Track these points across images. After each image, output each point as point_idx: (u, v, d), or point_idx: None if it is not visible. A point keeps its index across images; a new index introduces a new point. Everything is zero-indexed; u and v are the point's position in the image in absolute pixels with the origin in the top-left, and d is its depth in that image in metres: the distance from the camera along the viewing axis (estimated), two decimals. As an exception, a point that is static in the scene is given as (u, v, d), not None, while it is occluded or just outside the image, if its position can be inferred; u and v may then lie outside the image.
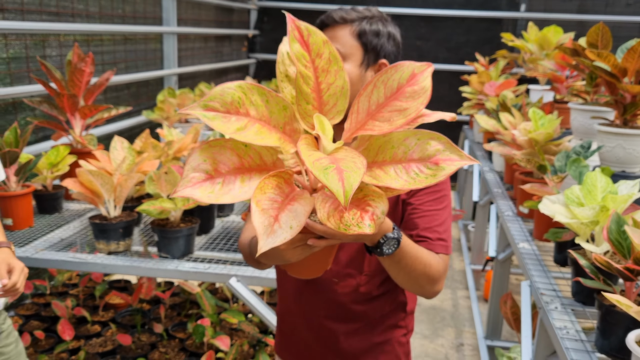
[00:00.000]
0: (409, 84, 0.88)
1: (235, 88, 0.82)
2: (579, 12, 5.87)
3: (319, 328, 1.41)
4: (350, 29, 1.28)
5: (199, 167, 0.82)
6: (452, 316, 3.51)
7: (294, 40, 0.84)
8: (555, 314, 1.63)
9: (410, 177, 0.84)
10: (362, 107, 0.88)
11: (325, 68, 0.86)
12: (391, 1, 6.17)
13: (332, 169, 0.76)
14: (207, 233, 2.33)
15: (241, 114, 0.82)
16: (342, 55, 1.27)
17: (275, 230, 0.78)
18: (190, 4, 4.76)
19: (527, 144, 2.47)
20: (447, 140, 0.86)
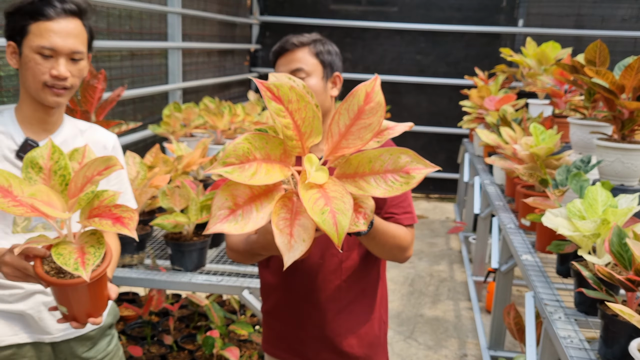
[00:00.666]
0: (366, 103, 1.04)
1: (243, 141, 1.00)
2: (576, 27, 5.98)
3: (309, 313, 1.56)
4: (309, 50, 1.53)
5: (223, 205, 1.00)
6: (455, 327, 3.56)
7: (269, 100, 1.02)
8: (559, 324, 1.68)
9: (388, 185, 1.03)
10: (334, 131, 1.06)
11: (297, 108, 1.03)
12: (392, 17, 6.28)
13: (327, 212, 0.95)
14: (217, 246, 2.38)
15: (251, 160, 1.00)
16: (307, 72, 1.51)
17: (293, 246, 0.98)
18: (195, 19, 4.85)
19: (528, 158, 2.54)
20: (414, 154, 1.04)
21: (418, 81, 6.37)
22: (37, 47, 1.38)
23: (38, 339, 1.51)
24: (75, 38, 1.42)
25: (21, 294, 1.48)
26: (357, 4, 6.33)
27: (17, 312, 1.48)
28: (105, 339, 1.67)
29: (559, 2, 5.98)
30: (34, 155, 1.22)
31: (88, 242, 1.19)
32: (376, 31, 6.37)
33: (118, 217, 1.16)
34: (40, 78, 1.40)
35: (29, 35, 1.39)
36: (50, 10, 1.39)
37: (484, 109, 4.19)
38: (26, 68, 1.41)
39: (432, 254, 4.86)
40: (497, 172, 3.54)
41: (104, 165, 1.19)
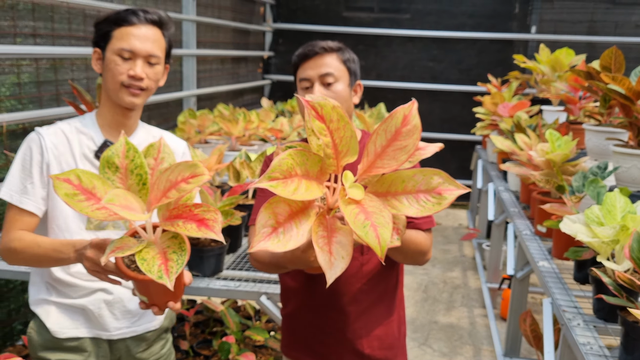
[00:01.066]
0: (403, 125, 1.07)
1: (287, 157, 1.03)
2: (589, 34, 5.96)
3: (330, 316, 1.57)
4: (337, 56, 1.54)
5: (266, 223, 1.03)
6: (470, 334, 3.54)
7: (313, 119, 1.05)
8: (578, 330, 1.68)
9: (420, 205, 1.06)
10: (370, 150, 1.09)
11: (337, 127, 1.07)
12: (404, 24, 6.31)
13: (369, 225, 0.98)
14: (234, 252, 2.40)
15: (293, 176, 1.03)
16: (335, 77, 1.52)
17: (333, 263, 1.02)
18: (209, 26, 4.90)
19: (544, 164, 2.54)
20: (446, 175, 1.06)
21: (430, 88, 6.38)
22: (118, 50, 1.48)
23: (97, 335, 1.58)
24: (153, 43, 1.51)
25: (84, 290, 1.54)
26: (370, 11, 6.36)
27: (79, 307, 1.55)
28: (160, 342, 1.71)
29: (572, 9, 5.97)
30: (109, 154, 1.20)
31: (170, 247, 1.15)
32: (389, 38, 6.39)
33: (201, 219, 1.12)
34: (119, 78, 1.48)
35: (112, 40, 1.49)
36: (134, 18, 1.49)
37: (497, 115, 4.19)
38: (107, 70, 1.49)
39: (445, 261, 4.85)
40: (511, 178, 3.54)
41: (189, 172, 1.13)
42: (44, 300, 1.56)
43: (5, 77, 2.73)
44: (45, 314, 1.55)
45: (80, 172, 1.15)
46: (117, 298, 1.58)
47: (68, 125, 1.55)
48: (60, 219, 1.51)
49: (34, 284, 1.60)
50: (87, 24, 3.30)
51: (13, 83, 2.78)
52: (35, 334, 1.56)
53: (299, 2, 6.43)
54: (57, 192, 1.12)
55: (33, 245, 1.40)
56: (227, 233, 2.29)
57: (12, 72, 2.77)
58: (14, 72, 2.77)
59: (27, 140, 1.51)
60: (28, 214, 1.47)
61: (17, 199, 1.46)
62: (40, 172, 1.48)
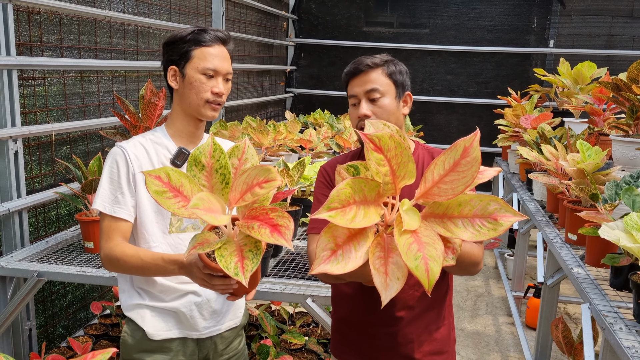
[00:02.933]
0: (462, 157, 1.12)
1: (345, 186, 1.09)
2: (607, 48, 6.04)
3: (382, 321, 1.62)
4: (382, 71, 1.59)
5: (326, 247, 1.11)
6: (497, 341, 3.59)
7: (372, 152, 1.12)
8: (621, 334, 1.72)
9: (475, 229, 1.09)
10: (428, 178, 1.14)
11: (395, 154, 1.13)
12: (423, 38, 6.41)
13: (420, 258, 1.03)
14: (275, 257, 2.48)
15: (351, 204, 1.10)
16: (381, 92, 1.57)
17: (389, 284, 1.07)
18: (236, 40, 5.03)
19: (576, 174, 2.60)
20: (503, 201, 1.09)
21: (449, 101, 6.47)
22: (202, 69, 1.58)
23: (187, 335, 1.67)
24: (228, 61, 1.64)
25: (177, 293, 1.64)
26: (390, 26, 6.48)
27: (171, 310, 1.64)
28: (237, 339, 1.82)
29: (590, 23, 6.06)
30: (197, 153, 1.26)
31: (247, 245, 1.21)
32: (408, 52, 6.50)
33: (275, 224, 1.17)
34: (204, 95, 1.60)
35: (193, 59, 1.59)
36: (212, 39, 1.60)
37: (520, 127, 4.26)
38: (190, 87, 1.60)
39: (466, 271, 4.89)
40: (537, 188, 3.60)
41: (264, 176, 1.20)
42: (138, 305, 1.65)
43: (52, 89, 2.84)
44: (140, 318, 1.64)
45: (169, 170, 1.22)
46: (204, 299, 1.67)
47: (143, 138, 1.67)
48: (147, 224, 1.61)
49: (124, 291, 1.69)
50: (126, 38, 3.42)
51: (60, 94, 2.89)
52: (130, 338, 1.66)
53: (321, 17, 6.56)
54: (149, 188, 1.20)
55: (135, 257, 1.50)
56: (270, 239, 2.37)
57: (60, 83, 2.88)
58: (61, 83, 2.89)
59: (112, 154, 1.62)
60: (122, 221, 1.57)
61: (110, 209, 1.57)
62: (128, 182, 1.59)
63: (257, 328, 3.00)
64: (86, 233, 2.48)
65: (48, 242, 2.62)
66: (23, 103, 2.60)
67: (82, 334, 2.91)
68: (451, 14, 6.33)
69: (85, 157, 3.05)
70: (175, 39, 1.61)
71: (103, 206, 1.57)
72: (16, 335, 2.52)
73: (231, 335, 1.77)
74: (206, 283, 1.34)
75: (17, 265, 2.29)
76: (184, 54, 1.59)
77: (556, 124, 4.19)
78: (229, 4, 4.75)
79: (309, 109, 6.13)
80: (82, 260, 2.37)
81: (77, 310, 3.10)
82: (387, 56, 1.65)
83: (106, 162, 1.62)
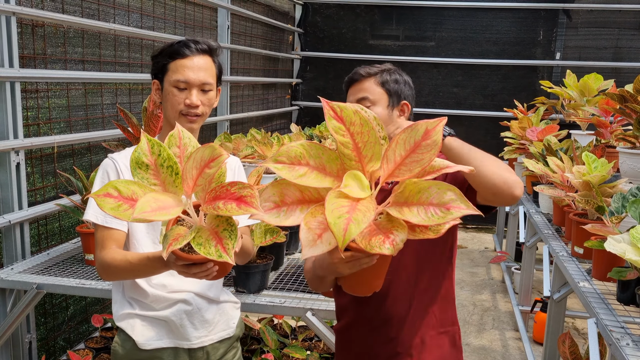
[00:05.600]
0: (423, 139, 1.10)
1: (298, 146, 1.08)
2: (614, 60, 6.00)
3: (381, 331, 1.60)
4: (375, 80, 1.60)
5: (269, 198, 1.09)
6: (503, 357, 3.52)
7: (330, 118, 1.11)
8: (628, 350, 1.68)
9: (427, 215, 1.06)
10: (390, 158, 1.12)
11: (360, 131, 1.11)
12: (429, 51, 6.42)
13: (344, 219, 1.00)
14: (276, 270, 2.45)
15: (302, 165, 1.08)
16: (371, 101, 1.58)
17: (317, 244, 1.05)
18: (241, 54, 5.05)
19: (582, 186, 2.56)
20: (459, 193, 1.06)
21: (455, 113, 6.44)
22: (174, 81, 1.60)
23: (178, 345, 1.65)
24: (205, 71, 1.61)
25: (166, 302, 1.63)
26: (396, 39, 6.49)
27: (162, 319, 1.63)
28: (232, 351, 1.79)
29: (596, 35, 6.04)
30: (136, 155, 1.23)
31: (220, 226, 1.18)
32: (414, 65, 6.50)
33: (239, 197, 1.12)
34: (177, 108, 1.61)
35: (168, 72, 1.61)
36: (186, 50, 1.60)
37: (526, 139, 4.22)
38: (166, 100, 1.62)
39: (473, 283, 4.83)
40: (543, 200, 3.56)
41: (209, 155, 1.16)
42: (128, 314, 1.64)
43: (55, 101, 2.85)
44: (130, 327, 1.63)
45: (116, 183, 1.19)
46: (195, 308, 1.65)
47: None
48: (138, 234, 1.62)
49: (116, 301, 1.68)
50: (131, 51, 3.44)
51: (64, 106, 2.91)
52: (120, 348, 1.64)
53: (326, 30, 6.58)
54: (103, 209, 1.16)
55: (124, 261, 1.50)
56: (270, 251, 2.35)
57: (63, 95, 2.89)
58: (65, 95, 2.90)
59: (103, 165, 1.63)
60: (115, 231, 1.57)
61: (102, 219, 1.56)
62: None
63: (259, 342, 2.97)
64: (87, 245, 2.47)
65: (49, 254, 2.61)
66: (26, 115, 2.61)
67: (83, 347, 2.89)
68: (457, 27, 6.33)
69: (89, 170, 3.06)
70: (158, 52, 1.64)
71: (95, 217, 1.57)
72: (16, 348, 2.51)
73: (224, 346, 1.74)
74: (187, 274, 1.32)
75: (17, 278, 2.28)
76: (162, 68, 1.62)
77: (563, 136, 4.16)
78: (234, 17, 4.78)
79: (315, 122, 6.12)
80: (83, 273, 2.36)
81: (79, 323, 3.08)
82: (386, 66, 1.66)
83: (97, 174, 1.63)
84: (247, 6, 5.07)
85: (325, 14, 6.57)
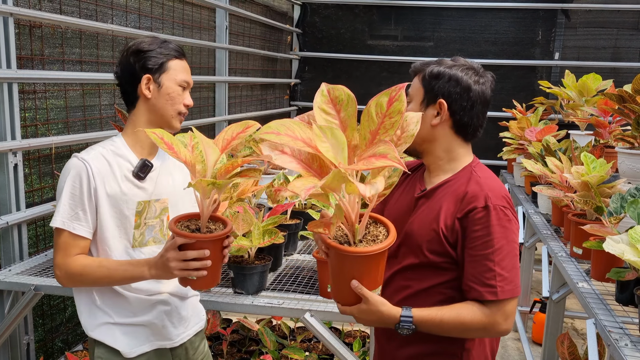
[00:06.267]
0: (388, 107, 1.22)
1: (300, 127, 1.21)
2: (613, 60, 6.00)
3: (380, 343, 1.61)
4: (420, 75, 1.54)
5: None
6: (502, 357, 3.52)
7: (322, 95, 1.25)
8: (626, 351, 1.68)
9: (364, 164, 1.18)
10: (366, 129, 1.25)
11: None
12: (427, 51, 6.41)
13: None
14: (274, 271, 2.45)
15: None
16: (410, 96, 1.52)
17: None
18: (240, 54, 5.04)
19: (580, 186, 2.56)
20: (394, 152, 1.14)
21: (454, 113, 6.43)
22: (180, 81, 1.62)
23: (160, 346, 1.67)
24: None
25: (145, 304, 1.62)
26: (394, 39, 6.49)
27: (143, 324, 1.63)
28: (203, 341, 1.85)
29: (595, 35, 6.04)
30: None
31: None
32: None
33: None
34: (178, 107, 1.63)
35: (170, 70, 1.61)
36: (181, 52, 1.65)
37: (525, 140, 4.22)
38: (167, 98, 1.61)
39: (472, 285, 4.82)
40: (542, 201, 3.55)
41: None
42: (104, 324, 1.61)
43: (53, 102, 2.85)
44: (111, 338, 1.60)
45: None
46: (173, 307, 1.67)
47: (104, 148, 1.62)
48: (110, 240, 1.58)
49: (84, 311, 1.64)
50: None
51: (61, 107, 2.90)
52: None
53: (325, 30, 6.58)
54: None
55: (101, 267, 1.50)
56: (269, 252, 2.34)
57: (61, 96, 2.89)
58: (62, 96, 2.89)
59: (74, 168, 1.56)
60: (81, 238, 1.54)
61: (69, 225, 1.53)
62: (90, 197, 1.55)
63: (258, 343, 2.97)
64: (85, 246, 2.46)
65: (47, 255, 2.60)
66: (24, 116, 2.61)
67: (81, 348, 2.89)
68: (455, 27, 6.33)
69: (86, 170, 3.05)
70: (149, 48, 1.60)
71: (62, 222, 1.53)
72: (14, 349, 2.50)
73: (198, 339, 1.81)
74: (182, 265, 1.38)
75: (14, 279, 2.28)
76: (161, 65, 1.59)
77: (561, 136, 4.15)
78: (232, 17, 4.78)
79: (314, 122, 6.12)
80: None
81: (77, 325, 3.08)
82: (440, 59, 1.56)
83: (67, 176, 1.56)
84: (245, 6, 5.07)
85: (324, 14, 6.56)
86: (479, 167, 1.53)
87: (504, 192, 1.46)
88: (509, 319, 1.38)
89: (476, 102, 1.50)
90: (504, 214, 1.40)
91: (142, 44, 1.61)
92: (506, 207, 1.42)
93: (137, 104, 1.62)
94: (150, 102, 1.60)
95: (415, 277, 1.49)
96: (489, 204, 1.40)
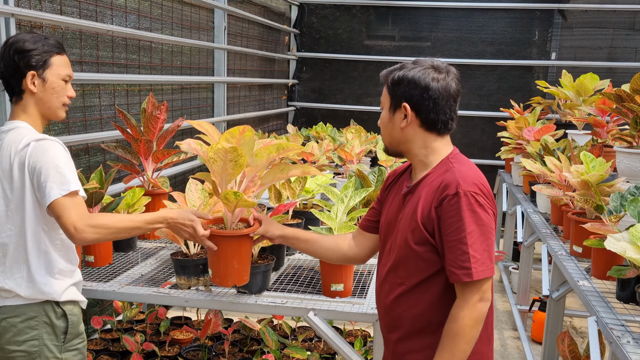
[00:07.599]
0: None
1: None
2: (609, 60, 6.04)
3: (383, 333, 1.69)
4: (386, 83, 1.60)
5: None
6: (502, 356, 3.54)
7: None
8: (629, 348, 1.69)
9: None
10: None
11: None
12: (425, 51, 6.43)
13: None
14: (277, 270, 2.45)
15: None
16: (381, 104, 1.62)
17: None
18: (238, 55, 5.05)
19: (580, 185, 2.58)
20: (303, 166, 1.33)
21: (451, 113, 6.46)
22: (64, 75, 1.81)
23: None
24: None
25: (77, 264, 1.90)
26: (391, 39, 6.50)
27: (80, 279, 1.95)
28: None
29: (592, 35, 6.07)
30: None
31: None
32: (409, 65, 6.51)
33: None
34: (63, 99, 1.82)
35: (53, 66, 1.77)
36: (60, 46, 1.81)
37: (523, 139, 4.24)
38: (52, 92, 1.78)
39: (471, 285, 4.84)
40: (541, 200, 3.57)
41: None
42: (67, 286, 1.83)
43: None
44: (74, 294, 1.85)
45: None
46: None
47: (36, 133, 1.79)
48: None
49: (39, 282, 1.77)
50: (128, 52, 3.43)
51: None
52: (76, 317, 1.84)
53: (322, 31, 6.59)
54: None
55: (124, 220, 1.76)
56: (271, 251, 2.34)
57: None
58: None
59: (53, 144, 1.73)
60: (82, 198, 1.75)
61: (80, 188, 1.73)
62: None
63: (259, 342, 2.97)
64: (87, 247, 2.46)
65: (48, 256, 2.59)
66: (24, 117, 2.60)
67: (82, 349, 2.88)
68: (452, 27, 6.35)
69: (87, 171, 3.05)
70: (33, 47, 1.74)
71: (77, 185, 1.71)
72: (15, 350, 2.49)
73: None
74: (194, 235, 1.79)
75: (16, 280, 2.27)
76: (45, 62, 1.75)
77: (559, 136, 4.18)
78: (230, 18, 4.78)
79: (311, 122, 6.13)
80: (82, 274, 2.34)
81: (77, 325, 3.07)
82: (401, 64, 1.59)
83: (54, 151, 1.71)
84: (243, 7, 5.07)
85: (321, 14, 6.57)
86: (456, 158, 1.58)
87: (478, 179, 1.51)
88: (485, 295, 1.48)
89: (439, 99, 1.53)
90: (475, 199, 1.46)
91: (26, 44, 1.75)
92: (477, 193, 1.48)
93: (24, 97, 1.79)
94: (36, 95, 1.77)
95: (405, 274, 1.57)
96: (459, 190, 1.46)
